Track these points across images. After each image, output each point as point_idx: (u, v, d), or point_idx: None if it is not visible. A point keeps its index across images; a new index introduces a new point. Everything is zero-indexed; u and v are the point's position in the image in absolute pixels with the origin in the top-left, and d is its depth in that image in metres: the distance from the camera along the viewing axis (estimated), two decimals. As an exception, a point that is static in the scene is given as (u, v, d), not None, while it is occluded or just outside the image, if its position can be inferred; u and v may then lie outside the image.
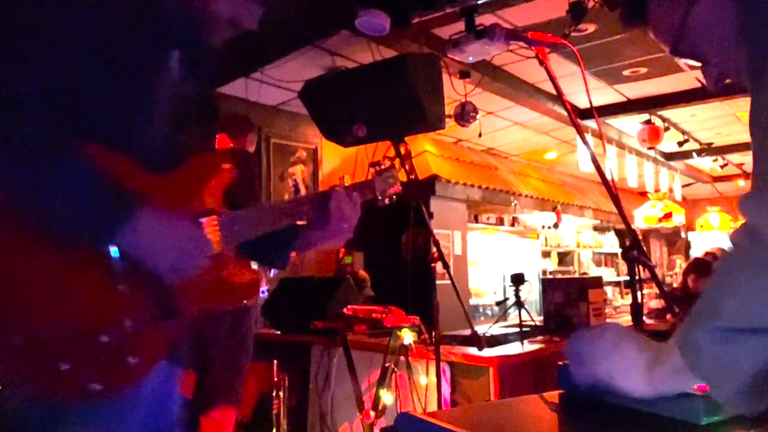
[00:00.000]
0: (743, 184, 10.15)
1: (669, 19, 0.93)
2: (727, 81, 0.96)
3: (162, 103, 1.19)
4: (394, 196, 1.63)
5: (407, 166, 2.34)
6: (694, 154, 7.74)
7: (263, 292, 3.95)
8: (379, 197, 1.57)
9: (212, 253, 1.18)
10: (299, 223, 1.42)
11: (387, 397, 2.78)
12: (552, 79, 1.66)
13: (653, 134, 6.22)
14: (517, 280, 2.93)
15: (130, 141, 1.13)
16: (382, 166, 1.62)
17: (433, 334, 2.44)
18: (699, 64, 0.96)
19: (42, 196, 1.00)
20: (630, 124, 6.59)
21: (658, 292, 4.74)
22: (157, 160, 1.15)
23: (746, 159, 8.84)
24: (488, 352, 2.62)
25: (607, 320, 3.31)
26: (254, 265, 1.49)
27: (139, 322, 1.08)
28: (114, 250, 1.06)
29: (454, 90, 4.41)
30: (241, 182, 1.36)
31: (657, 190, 8.10)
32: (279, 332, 3.54)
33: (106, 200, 1.04)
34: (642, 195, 8.93)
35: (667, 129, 6.48)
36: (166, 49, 1.20)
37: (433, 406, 2.57)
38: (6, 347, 0.99)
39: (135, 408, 1.14)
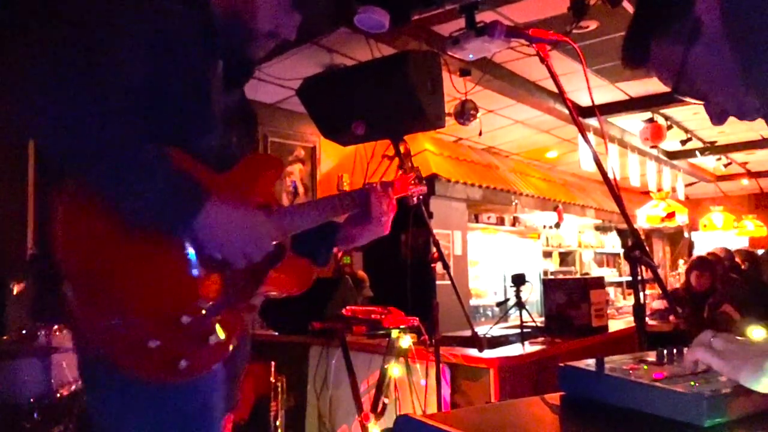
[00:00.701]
0: (747, 183, 10.12)
1: (670, 60, 0.96)
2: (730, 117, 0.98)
3: (215, 108, 1.29)
4: (421, 197, 1.77)
5: (407, 165, 2.33)
6: (697, 152, 7.72)
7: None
8: (408, 196, 1.72)
9: (275, 241, 1.27)
10: (340, 219, 1.51)
11: (386, 398, 2.75)
12: (553, 76, 1.63)
13: (656, 132, 6.20)
14: (518, 280, 2.91)
15: (194, 142, 1.23)
16: (407, 168, 1.73)
17: (433, 335, 2.42)
18: (701, 103, 0.99)
19: (134, 194, 1.10)
20: (632, 123, 6.57)
21: (660, 292, 4.72)
22: (215, 160, 1.26)
23: (750, 158, 8.82)
24: (489, 353, 2.60)
25: (609, 321, 3.28)
26: None
27: (215, 304, 1.18)
28: (188, 240, 1.16)
29: (454, 88, 4.39)
30: None
31: (660, 190, 8.06)
32: (277, 333, 3.51)
33: (184, 194, 1.13)
34: (644, 194, 8.89)
35: (669, 127, 6.46)
36: (215, 60, 1.30)
37: (432, 408, 2.55)
38: (106, 327, 1.10)
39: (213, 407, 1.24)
